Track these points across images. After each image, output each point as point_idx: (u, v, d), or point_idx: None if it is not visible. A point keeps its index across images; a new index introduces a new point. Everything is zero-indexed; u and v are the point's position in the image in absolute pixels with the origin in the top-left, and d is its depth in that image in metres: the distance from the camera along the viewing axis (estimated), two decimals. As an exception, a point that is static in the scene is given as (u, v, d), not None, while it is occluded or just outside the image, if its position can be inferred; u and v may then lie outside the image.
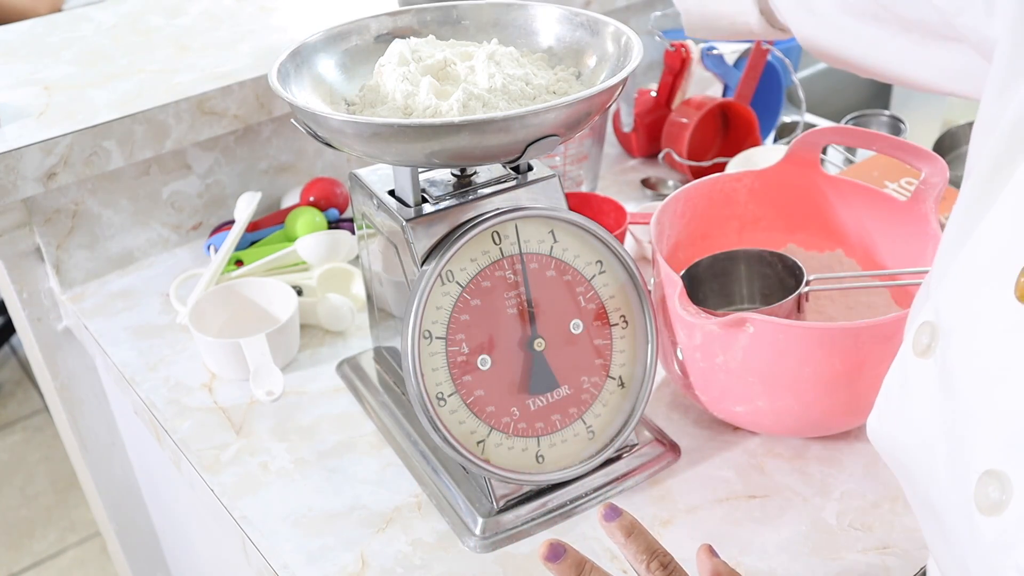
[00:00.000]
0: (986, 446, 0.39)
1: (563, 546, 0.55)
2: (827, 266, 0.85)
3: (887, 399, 0.47)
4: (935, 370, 0.42)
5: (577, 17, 0.70)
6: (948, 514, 0.42)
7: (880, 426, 0.48)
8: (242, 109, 0.99)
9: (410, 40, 0.68)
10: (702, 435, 0.76)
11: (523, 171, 0.70)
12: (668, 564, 0.55)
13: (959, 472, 0.40)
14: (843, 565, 0.65)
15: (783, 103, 1.20)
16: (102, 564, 1.82)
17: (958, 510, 0.40)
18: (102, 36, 1.12)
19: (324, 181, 1.02)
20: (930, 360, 0.43)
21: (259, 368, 0.83)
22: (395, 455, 0.76)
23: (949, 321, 0.42)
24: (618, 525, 0.56)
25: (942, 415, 0.42)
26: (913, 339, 0.44)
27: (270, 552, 0.68)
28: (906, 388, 0.45)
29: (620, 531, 0.56)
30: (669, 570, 0.55)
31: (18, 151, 0.87)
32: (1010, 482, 0.37)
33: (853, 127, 0.91)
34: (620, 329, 0.70)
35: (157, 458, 0.99)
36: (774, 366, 0.68)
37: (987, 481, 0.38)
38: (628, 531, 0.56)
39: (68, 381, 1.06)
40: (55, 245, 0.96)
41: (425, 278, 0.63)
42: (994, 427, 0.39)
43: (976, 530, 0.39)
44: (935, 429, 0.42)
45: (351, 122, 0.58)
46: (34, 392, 2.26)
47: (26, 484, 2.01)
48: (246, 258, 0.95)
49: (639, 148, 1.19)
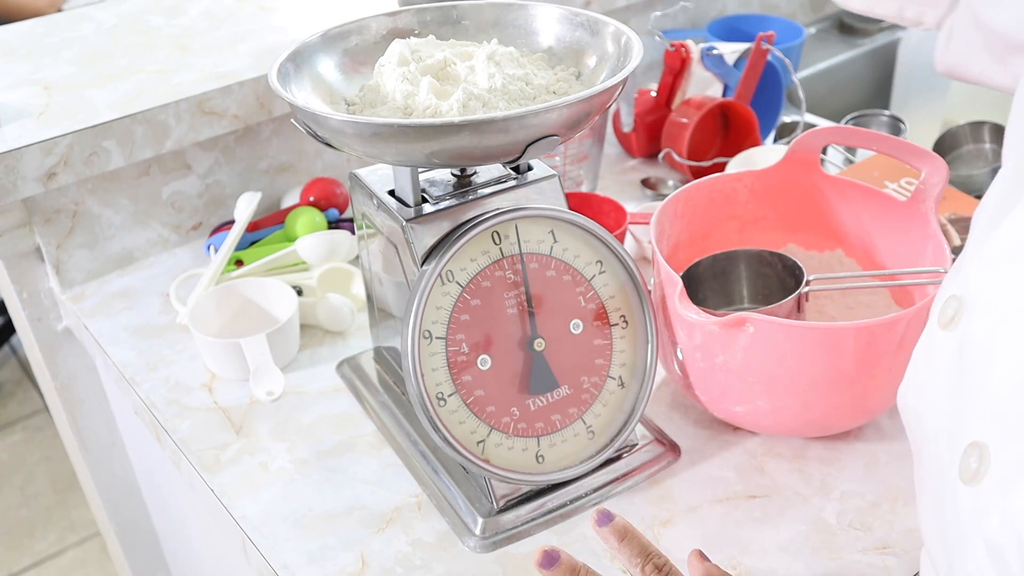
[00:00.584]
0: (976, 417, 0.40)
1: (557, 552, 0.56)
2: (827, 266, 0.85)
3: (915, 370, 0.48)
4: (955, 343, 0.43)
5: (577, 17, 0.70)
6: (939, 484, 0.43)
7: (905, 396, 0.49)
8: (242, 109, 0.99)
9: (410, 40, 0.68)
10: (702, 435, 0.76)
11: (523, 171, 0.70)
12: (663, 566, 0.55)
13: (954, 442, 0.41)
14: (843, 565, 0.65)
15: (783, 103, 1.20)
16: (102, 564, 1.82)
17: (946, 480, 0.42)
18: (102, 36, 1.12)
19: (324, 181, 1.02)
20: (952, 332, 0.43)
21: (259, 368, 0.83)
22: (395, 455, 0.76)
23: (975, 295, 0.43)
24: (611, 530, 0.56)
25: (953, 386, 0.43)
26: (940, 311, 0.45)
27: (270, 552, 0.68)
28: (928, 359, 0.46)
29: (613, 535, 0.56)
30: (664, 572, 0.55)
31: (18, 151, 0.87)
32: (989, 454, 0.39)
33: (853, 127, 0.91)
34: (620, 329, 0.70)
35: (157, 458, 0.99)
36: (774, 366, 0.68)
37: (971, 452, 0.40)
38: (621, 535, 0.56)
39: (68, 381, 1.06)
40: (55, 245, 0.96)
41: (425, 278, 0.63)
42: (986, 399, 0.40)
43: (957, 499, 0.40)
44: (944, 400, 0.43)
45: (351, 122, 0.58)
46: (34, 392, 2.26)
47: (26, 484, 2.01)
48: (246, 258, 0.95)
49: (639, 148, 1.19)
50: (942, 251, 0.71)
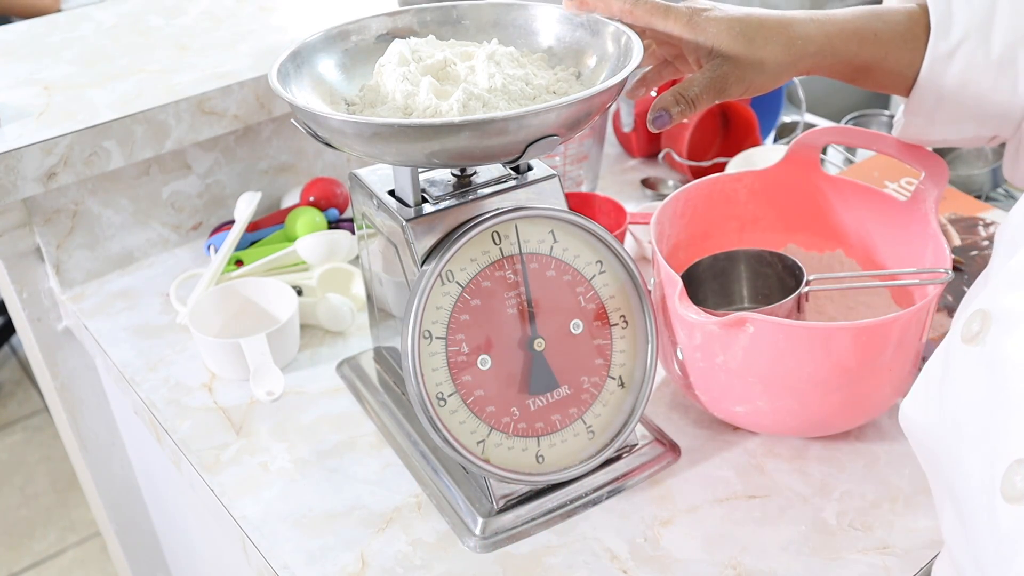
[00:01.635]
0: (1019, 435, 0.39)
1: None
2: (827, 266, 0.85)
3: (926, 384, 0.48)
4: (981, 357, 0.43)
5: (577, 17, 0.70)
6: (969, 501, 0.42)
7: (914, 411, 0.48)
8: (242, 109, 0.99)
9: (410, 40, 0.68)
10: (702, 435, 0.76)
11: (523, 171, 0.70)
12: None
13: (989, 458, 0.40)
14: (843, 565, 0.65)
15: (783, 103, 1.20)
16: (102, 564, 1.82)
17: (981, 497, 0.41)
18: (102, 36, 1.12)
19: (324, 181, 1.02)
20: (977, 347, 0.43)
21: (259, 368, 0.83)
22: (395, 455, 0.76)
23: (1004, 309, 0.42)
24: None
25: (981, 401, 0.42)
26: (963, 326, 0.45)
27: (270, 552, 0.68)
28: (947, 374, 0.45)
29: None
30: None
31: (18, 151, 0.87)
32: None
33: (853, 127, 0.91)
34: (620, 329, 0.70)
35: (157, 458, 0.99)
36: (774, 366, 0.68)
37: (1016, 469, 0.39)
38: None
39: (68, 381, 1.06)
40: (55, 245, 0.96)
41: (425, 278, 0.63)
42: None
43: (996, 517, 0.39)
44: (971, 415, 0.43)
45: (351, 122, 0.58)
46: (34, 392, 2.26)
47: (26, 484, 2.01)
48: (246, 258, 0.95)
49: (639, 148, 1.19)
50: (942, 251, 0.71)
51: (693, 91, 0.64)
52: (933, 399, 0.46)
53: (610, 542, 0.67)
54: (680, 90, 0.64)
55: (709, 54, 0.64)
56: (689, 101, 0.64)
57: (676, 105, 0.64)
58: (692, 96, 0.64)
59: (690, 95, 0.64)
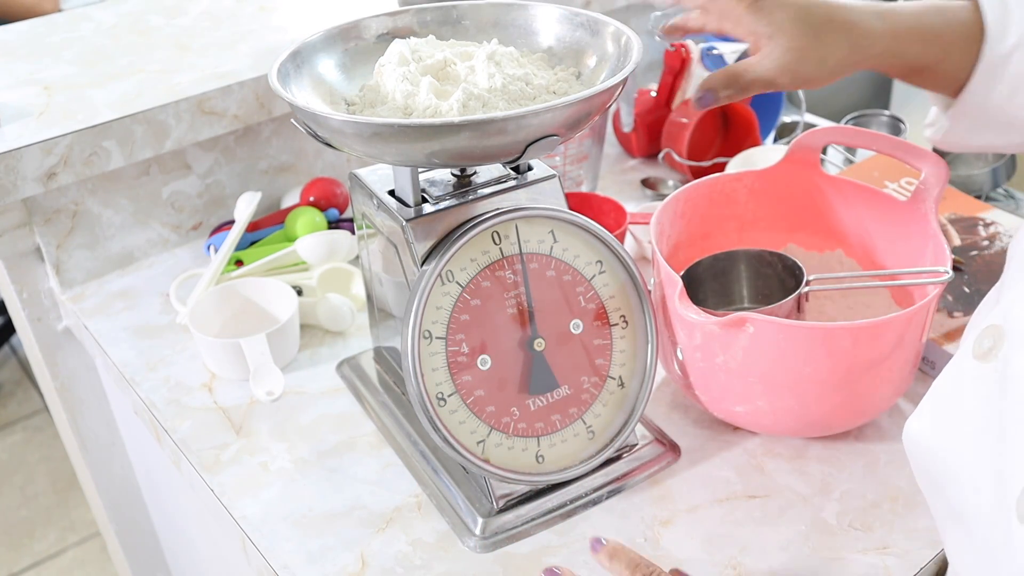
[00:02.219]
0: None
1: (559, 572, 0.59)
2: (827, 266, 0.85)
3: (934, 401, 0.46)
4: (994, 374, 0.41)
5: (577, 17, 0.70)
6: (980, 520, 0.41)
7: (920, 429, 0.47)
8: (242, 109, 0.99)
9: (410, 40, 0.68)
10: (702, 435, 0.76)
11: (523, 171, 0.70)
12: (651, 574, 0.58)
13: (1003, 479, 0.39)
14: (843, 565, 0.65)
15: (783, 103, 1.20)
16: (102, 564, 1.82)
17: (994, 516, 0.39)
18: (102, 36, 1.12)
19: (324, 181, 1.02)
20: (990, 364, 0.42)
21: (259, 368, 0.83)
22: (395, 455, 0.76)
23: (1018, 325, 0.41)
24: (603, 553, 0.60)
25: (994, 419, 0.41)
26: (975, 342, 0.43)
27: (270, 552, 0.68)
28: (959, 391, 0.44)
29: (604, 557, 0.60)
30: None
31: (18, 151, 0.87)
32: None
33: (853, 127, 0.91)
34: (620, 329, 0.70)
35: (157, 458, 0.99)
36: (774, 366, 0.68)
37: None
38: (611, 555, 0.59)
39: (68, 381, 1.06)
40: (55, 245, 0.96)
41: (425, 278, 0.63)
42: None
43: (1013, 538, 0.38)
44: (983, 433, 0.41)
45: (351, 122, 0.58)
46: (34, 392, 2.26)
47: (26, 484, 2.01)
48: (246, 258, 0.95)
49: (639, 148, 1.19)
50: (942, 251, 0.71)
51: (747, 78, 0.61)
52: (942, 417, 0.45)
53: (610, 542, 0.68)
54: (733, 73, 0.61)
55: (769, 38, 0.61)
56: (741, 87, 0.61)
57: (726, 88, 0.61)
58: (745, 83, 0.61)
59: (743, 81, 0.61)
